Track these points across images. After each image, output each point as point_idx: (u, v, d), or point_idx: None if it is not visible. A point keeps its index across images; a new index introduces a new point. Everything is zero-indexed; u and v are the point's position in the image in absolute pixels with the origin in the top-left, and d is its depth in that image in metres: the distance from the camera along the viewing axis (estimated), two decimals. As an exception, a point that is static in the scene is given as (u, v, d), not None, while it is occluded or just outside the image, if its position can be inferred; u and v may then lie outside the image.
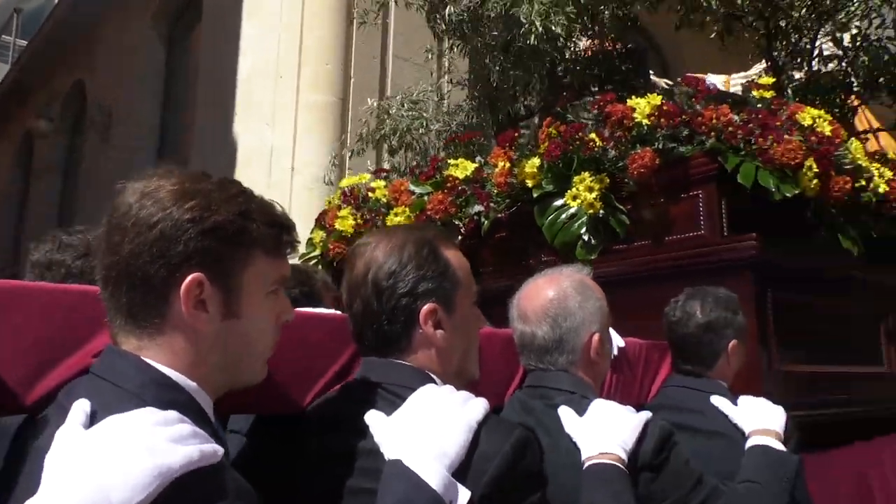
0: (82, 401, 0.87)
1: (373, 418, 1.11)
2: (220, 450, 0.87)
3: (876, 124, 4.48)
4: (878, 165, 3.13)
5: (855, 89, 3.98)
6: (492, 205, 2.97)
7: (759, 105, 2.75)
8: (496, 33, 3.66)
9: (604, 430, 1.39)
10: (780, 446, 1.70)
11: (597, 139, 2.68)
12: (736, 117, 2.61)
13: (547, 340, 1.53)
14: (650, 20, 4.52)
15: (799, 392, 2.31)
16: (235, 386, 1.05)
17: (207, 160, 6.70)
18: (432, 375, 1.20)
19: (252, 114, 6.28)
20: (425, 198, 3.32)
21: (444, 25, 3.60)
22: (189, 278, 0.94)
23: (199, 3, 7.93)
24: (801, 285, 2.50)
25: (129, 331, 0.96)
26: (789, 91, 4.02)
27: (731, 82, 4.36)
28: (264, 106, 6.17)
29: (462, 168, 3.21)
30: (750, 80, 4.32)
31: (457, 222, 3.13)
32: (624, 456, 1.36)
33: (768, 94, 2.78)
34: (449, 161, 3.27)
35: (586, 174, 2.65)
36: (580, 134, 2.70)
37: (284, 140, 5.99)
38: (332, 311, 1.53)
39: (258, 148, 6.14)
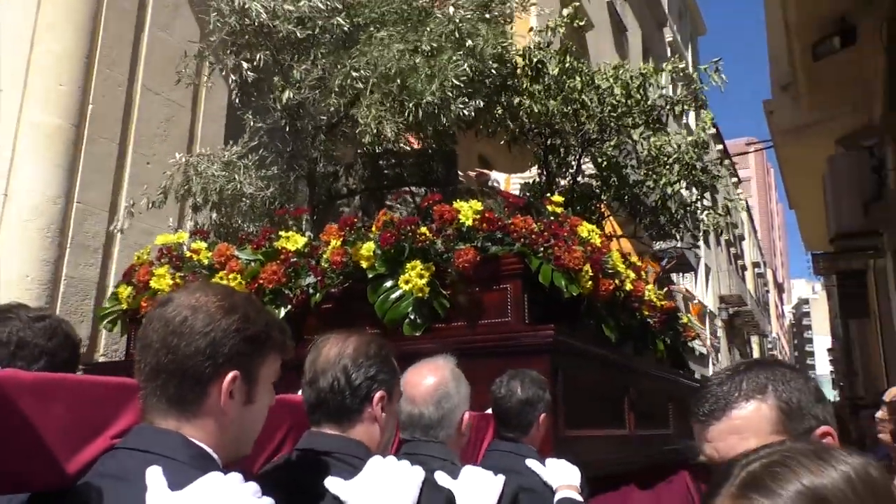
0: (156, 468, 1.08)
1: (334, 483, 1.40)
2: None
3: (619, 231, 5.57)
4: (625, 268, 3.98)
5: (604, 201, 4.97)
6: (326, 279, 3.26)
7: (551, 217, 3.41)
8: (324, 117, 4.02)
9: (476, 492, 1.79)
10: (579, 497, 2.23)
11: (427, 233, 3.13)
12: (535, 226, 3.23)
13: (432, 419, 1.91)
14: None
15: (578, 453, 2.91)
16: (235, 458, 1.29)
17: None
18: (371, 448, 1.52)
19: (-44, 125, 5.18)
20: (252, 264, 3.52)
21: (279, 105, 3.86)
22: (230, 375, 1.19)
23: None
24: (578, 365, 3.14)
25: (169, 413, 1.18)
26: (556, 194, 4.87)
27: (511, 181, 5.14)
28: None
29: (293, 241, 3.47)
30: (525, 181, 5.15)
31: (287, 292, 3.37)
32: None
33: (559, 210, 3.45)
34: (280, 233, 3.50)
35: (417, 262, 3.08)
36: (412, 227, 3.14)
37: (-3, 162, 5.06)
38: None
39: (-40, 166, 5.06)
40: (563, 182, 5.01)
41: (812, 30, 7.21)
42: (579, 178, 5.00)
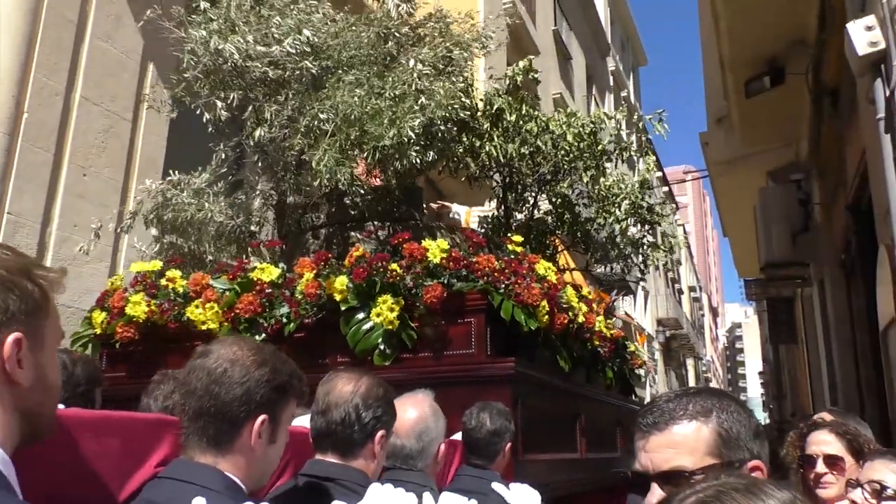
0: (201, 498, 1.26)
1: None
2: None
3: (572, 264, 5.89)
4: (577, 301, 4.26)
5: (558, 236, 5.28)
6: (300, 310, 3.44)
7: (511, 255, 3.66)
8: (294, 152, 4.20)
9: (454, 514, 2.01)
10: (542, 518, 2.47)
11: (397, 269, 3.34)
12: (497, 264, 3.48)
13: (413, 451, 2.12)
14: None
15: (535, 475, 3.14)
16: (257, 488, 1.48)
17: None
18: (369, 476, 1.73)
19: None
20: (227, 293, 3.67)
21: (251, 142, 4.04)
22: (260, 419, 1.39)
23: None
24: (536, 394, 3.39)
25: (207, 449, 1.37)
26: (513, 228, 5.16)
27: (472, 214, 5.40)
28: None
29: (268, 272, 3.63)
30: (485, 214, 5.42)
31: (262, 321, 3.53)
32: None
33: (519, 249, 3.71)
34: (255, 265, 3.66)
35: (388, 296, 3.29)
36: (383, 263, 3.35)
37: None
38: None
39: None
40: (519, 216, 5.31)
41: (745, 68, 7.65)
42: (535, 213, 5.32)
